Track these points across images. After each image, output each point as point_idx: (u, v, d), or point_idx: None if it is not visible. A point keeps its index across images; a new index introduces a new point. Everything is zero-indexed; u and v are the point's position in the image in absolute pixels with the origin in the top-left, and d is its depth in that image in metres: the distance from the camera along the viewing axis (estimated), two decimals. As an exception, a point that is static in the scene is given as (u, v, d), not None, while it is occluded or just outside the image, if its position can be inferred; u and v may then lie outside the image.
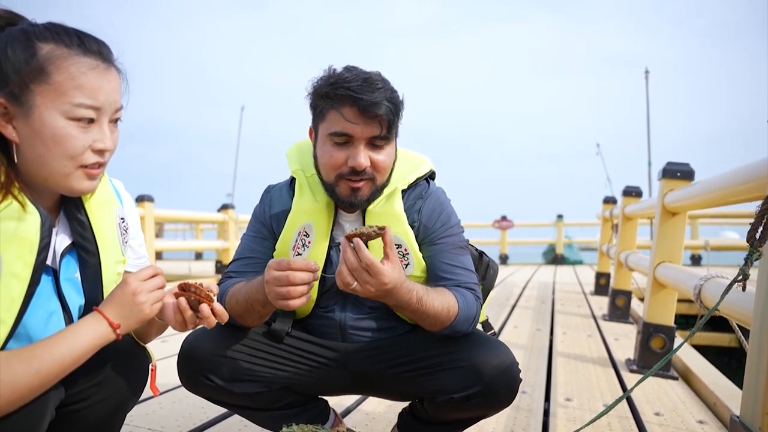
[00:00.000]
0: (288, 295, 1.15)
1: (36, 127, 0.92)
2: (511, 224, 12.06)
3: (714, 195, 2.12)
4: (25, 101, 0.92)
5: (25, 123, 0.92)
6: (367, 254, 1.16)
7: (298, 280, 1.15)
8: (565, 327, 3.93)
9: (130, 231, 1.18)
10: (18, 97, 0.91)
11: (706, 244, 7.95)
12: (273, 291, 1.17)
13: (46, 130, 0.93)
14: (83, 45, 0.96)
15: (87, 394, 1.10)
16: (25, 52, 0.92)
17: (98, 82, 0.96)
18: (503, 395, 1.33)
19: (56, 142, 0.93)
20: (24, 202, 0.93)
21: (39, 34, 0.94)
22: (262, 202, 1.49)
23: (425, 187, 1.46)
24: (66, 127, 0.94)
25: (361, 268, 1.16)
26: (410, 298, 1.25)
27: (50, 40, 0.94)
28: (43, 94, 0.92)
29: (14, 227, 0.91)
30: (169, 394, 2.18)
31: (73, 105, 0.94)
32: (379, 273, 1.16)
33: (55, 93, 0.93)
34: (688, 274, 2.30)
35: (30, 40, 0.93)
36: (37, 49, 0.92)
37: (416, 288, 1.27)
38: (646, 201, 3.98)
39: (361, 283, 1.17)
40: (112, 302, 1.00)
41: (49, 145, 0.93)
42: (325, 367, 1.44)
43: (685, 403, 2.26)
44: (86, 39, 0.97)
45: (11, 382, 0.85)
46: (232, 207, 7.52)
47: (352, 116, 1.27)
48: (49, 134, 0.93)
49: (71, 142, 0.94)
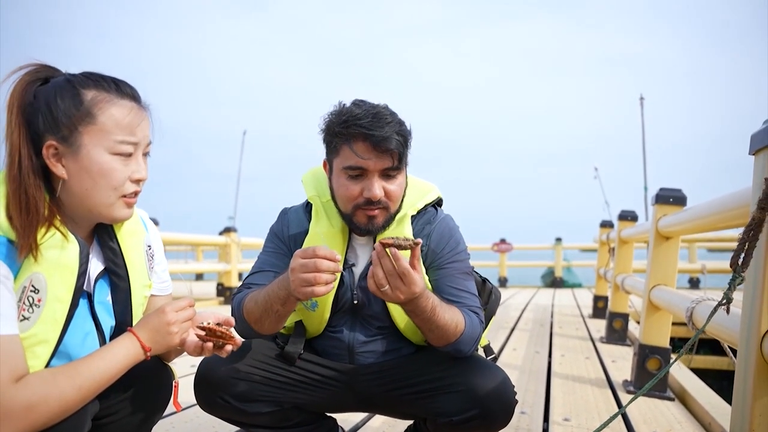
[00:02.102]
0: (314, 280, 1.20)
1: (84, 163, 1.04)
2: (510, 247, 12.15)
3: (704, 221, 2.21)
4: (74, 141, 1.03)
5: (74, 161, 1.04)
6: (404, 263, 1.22)
7: (324, 266, 1.20)
8: (563, 349, 3.99)
9: (155, 257, 1.28)
10: (67, 138, 1.03)
11: (703, 267, 8.03)
12: (299, 278, 1.22)
13: (94, 165, 1.04)
14: (119, 89, 1.09)
15: (117, 408, 1.19)
16: (72, 100, 1.04)
17: (135, 120, 1.08)
18: (500, 417, 1.40)
19: (102, 175, 1.05)
20: (65, 233, 1.03)
21: (82, 82, 1.06)
22: (280, 221, 1.57)
23: (433, 214, 1.55)
24: (110, 161, 1.05)
25: (396, 275, 1.22)
26: (426, 306, 1.30)
27: (92, 87, 1.06)
28: (90, 134, 1.04)
29: (57, 255, 1.01)
30: (182, 413, 2.24)
31: (116, 142, 1.06)
32: (413, 282, 1.23)
33: (100, 132, 1.05)
34: (680, 297, 2.38)
35: (75, 89, 1.05)
36: (82, 96, 1.05)
37: (433, 297, 1.33)
38: (641, 225, 4.07)
39: (393, 288, 1.23)
40: (147, 326, 1.10)
41: (96, 179, 1.05)
42: (332, 387, 1.51)
43: (681, 423, 2.32)
44: (121, 84, 1.10)
45: (59, 396, 0.94)
46: (234, 230, 7.58)
47: (364, 151, 1.36)
48: (96, 169, 1.04)
49: (114, 175, 1.06)
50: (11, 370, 0.90)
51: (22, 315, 0.96)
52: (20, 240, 0.96)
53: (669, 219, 2.72)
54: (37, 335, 0.98)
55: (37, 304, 0.98)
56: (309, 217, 1.53)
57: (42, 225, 1.00)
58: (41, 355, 0.99)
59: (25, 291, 0.96)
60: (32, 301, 0.97)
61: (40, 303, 0.98)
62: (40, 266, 0.99)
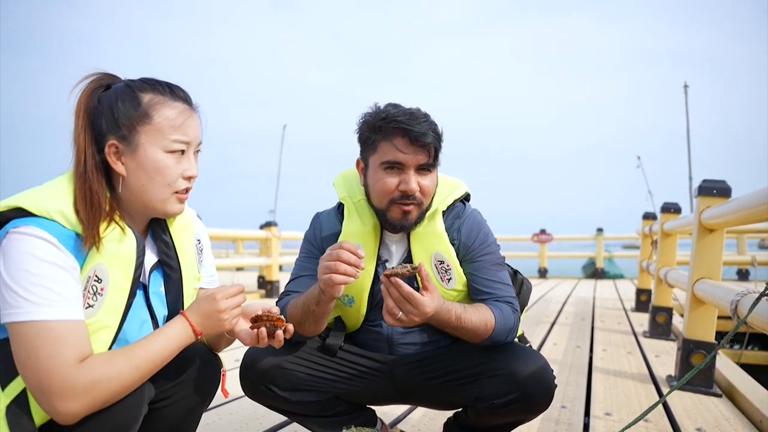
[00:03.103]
0: (335, 268, 1.28)
1: (141, 161, 1.12)
2: (550, 238, 11.97)
3: (750, 212, 2.15)
4: (132, 140, 1.12)
5: (132, 158, 1.12)
6: (406, 287, 1.30)
7: (344, 256, 1.28)
8: (605, 344, 3.94)
9: (204, 251, 1.36)
10: (127, 137, 1.12)
11: (753, 259, 7.76)
12: (322, 265, 1.31)
13: (150, 162, 1.13)
14: (173, 93, 1.17)
15: (169, 393, 1.27)
16: (131, 102, 1.12)
17: (187, 121, 1.17)
18: (540, 400, 1.43)
19: (157, 172, 1.13)
20: (123, 227, 1.12)
21: (140, 87, 1.15)
22: (313, 226, 1.64)
23: (462, 208, 1.59)
24: (165, 159, 1.14)
25: (404, 300, 1.30)
26: (449, 318, 1.38)
27: (149, 90, 1.15)
28: (147, 134, 1.12)
29: (117, 248, 1.10)
30: (226, 406, 2.33)
31: (171, 141, 1.14)
32: (420, 303, 1.30)
33: (156, 132, 1.13)
34: (725, 290, 2.32)
35: (134, 92, 1.14)
36: (140, 99, 1.13)
37: (454, 308, 1.39)
38: (684, 218, 3.97)
39: (406, 313, 1.31)
40: (198, 311, 1.17)
41: (152, 175, 1.13)
42: (373, 378, 1.57)
43: (729, 420, 2.26)
44: (174, 88, 1.18)
45: (118, 375, 1.02)
46: (275, 224, 7.70)
47: (402, 146, 1.42)
48: (152, 166, 1.13)
49: (169, 172, 1.14)
50: (77, 351, 0.99)
51: (87, 303, 1.06)
52: (85, 231, 1.04)
53: (712, 211, 2.66)
54: (100, 321, 1.08)
55: (100, 293, 1.08)
56: (341, 218, 1.59)
57: (104, 219, 1.09)
58: (104, 340, 1.08)
59: (89, 281, 1.06)
60: (96, 290, 1.07)
61: (103, 292, 1.08)
62: (102, 258, 1.08)
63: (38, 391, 0.97)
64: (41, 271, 0.98)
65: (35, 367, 0.96)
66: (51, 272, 0.99)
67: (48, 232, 1.01)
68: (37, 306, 0.97)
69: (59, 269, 1.00)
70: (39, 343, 0.97)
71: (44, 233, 1.01)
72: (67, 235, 1.03)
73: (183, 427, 1.33)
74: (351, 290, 1.54)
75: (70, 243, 1.03)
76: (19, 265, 0.98)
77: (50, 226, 1.02)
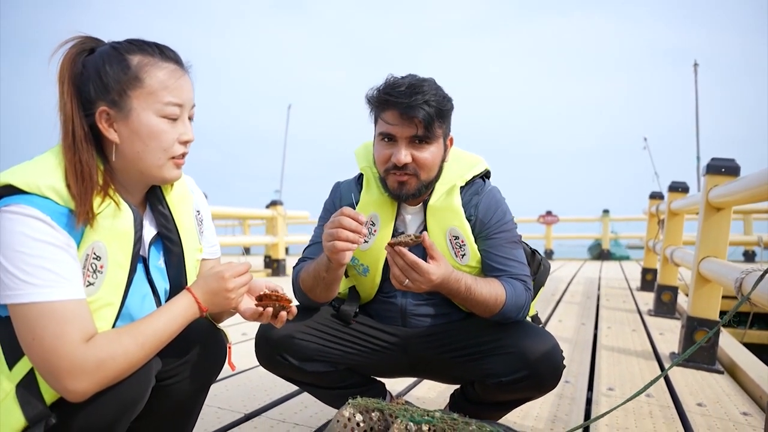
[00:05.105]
0: (337, 235, 1.31)
1: (134, 126, 1.08)
2: (556, 219, 11.96)
3: (758, 190, 2.15)
4: (124, 106, 1.07)
5: (125, 125, 1.08)
6: (410, 255, 1.32)
7: (346, 222, 1.31)
8: (610, 322, 3.96)
9: (204, 222, 1.33)
10: (118, 103, 1.07)
11: (760, 240, 7.71)
12: (326, 233, 1.35)
13: (143, 128, 1.08)
14: (163, 53, 1.12)
15: (176, 371, 1.26)
16: (120, 65, 1.07)
17: (179, 83, 1.12)
18: (548, 379, 1.45)
19: (152, 137, 1.09)
20: (118, 201, 1.09)
21: (127, 48, 1.10)
22: (332, 195, 1.66)
23: (481, 185, 1.58)
24: (159, 123, 1.09)
25: (409, 267, 1.32)
26: (459, 287, 1.39)
27: (137, 52, 1.10)
28: (139, 98, 1.08)
29: (113, 224, 1.07)
30: (234, 377, 2.36)
31: (164, 104, 1.09)
32: (425, 271, 1.32)
33: (148, 95, 1.08)
34: (730, 268, 2.33)
35: (122, 55, 1.08)
36: (129, 61, 1.08)
37: (464, 278, 1.40)
38: (692, 196, 3.96)
39: (412, 281, 1.33)
40: (205, 287, 1.15)
41: (146, 141, 1.09)
42: (386, 350, 1.59)
43: (730, 396, 2.29)
44: (164, 48, 1.13)
45: (124, 353, 1.02)
46: (280, 203, 7.72)
47: (392, 119, 1.44)
48: (146, 131, 1.08)
49: (164, 136, 1.10)
50: (81, 330, 0.98)
51: (87, 281, 1.04)
52: (78, 207, 1.00)
53: (720, 189, 2.65)
54: (103, 299, 1.06)
55: (100, 270, 1.05)
56: (360, 188, 1.60)
57: (98, 193, 1.05)
58: (107, 317, 1.07)
59: (88, 258, 1.03)
60: (95, 267, 1.05)
61: (103, 269, 1.06)
62: (99, 235, 1.04)
63: (46, 372, 0.96)
64: (37, 251, 0.96)
65: (41, 348, 0.95)
66: (47, 252, 0.97)
67: (40, 210, 0.98)
68: (37, 287, 0.95)
69: (55, 248, 0.98)
70: (42, 325, 0.95)
71: (36, 212, 0.97)
72: (61, 213, 1.00)
73: (191, 402, 1.33)
74: (366, 260, 1.56)
75: (63, 220, 1.00)
76: (14, 246, 0.95)
77: (42, 204, 0.98)
